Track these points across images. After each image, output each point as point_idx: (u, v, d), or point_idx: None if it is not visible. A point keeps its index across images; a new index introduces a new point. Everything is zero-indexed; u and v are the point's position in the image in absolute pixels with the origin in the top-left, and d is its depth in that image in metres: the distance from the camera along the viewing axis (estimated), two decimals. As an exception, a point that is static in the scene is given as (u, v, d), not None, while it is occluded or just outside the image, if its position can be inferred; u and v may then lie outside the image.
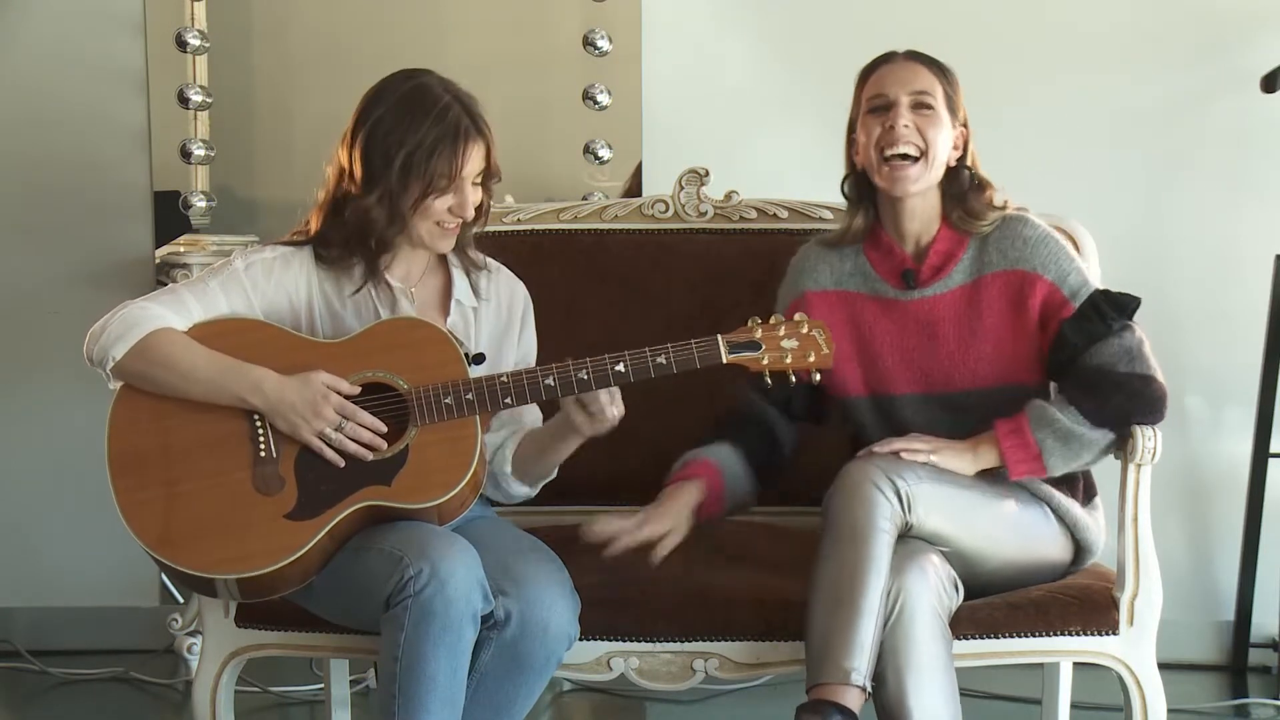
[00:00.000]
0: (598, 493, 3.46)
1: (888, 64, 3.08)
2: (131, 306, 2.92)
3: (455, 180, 2.96)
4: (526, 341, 3.16)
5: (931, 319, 3.07)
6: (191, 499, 2.87)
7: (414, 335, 2.94)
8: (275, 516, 2.87)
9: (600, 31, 4.08)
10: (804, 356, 2.87)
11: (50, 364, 4.23)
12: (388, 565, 2.81)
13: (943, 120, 3.04)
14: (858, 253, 3.15)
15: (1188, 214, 4.15)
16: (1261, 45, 4.03)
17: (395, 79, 3.02)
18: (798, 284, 3.18)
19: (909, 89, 3.04)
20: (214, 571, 2.90)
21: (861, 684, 2.81)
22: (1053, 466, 2.97)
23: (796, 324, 2.90)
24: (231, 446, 2.89)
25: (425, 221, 2.99)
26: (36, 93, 4.20)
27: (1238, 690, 4.06)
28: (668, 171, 3.62)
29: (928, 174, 3.05)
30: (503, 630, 2.85)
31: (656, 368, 2.88)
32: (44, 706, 4.02)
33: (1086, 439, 2.95)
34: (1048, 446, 2.95)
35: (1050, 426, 2.95)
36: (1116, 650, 3.03)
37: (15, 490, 4.28)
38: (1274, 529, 4.09)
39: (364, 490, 2.89)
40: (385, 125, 2.96)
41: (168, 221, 4.15)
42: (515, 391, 2.90)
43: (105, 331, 2.89)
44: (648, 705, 4.02)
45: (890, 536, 2.87)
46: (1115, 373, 2.97)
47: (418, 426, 2.90)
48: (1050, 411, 2.96)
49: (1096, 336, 3.00)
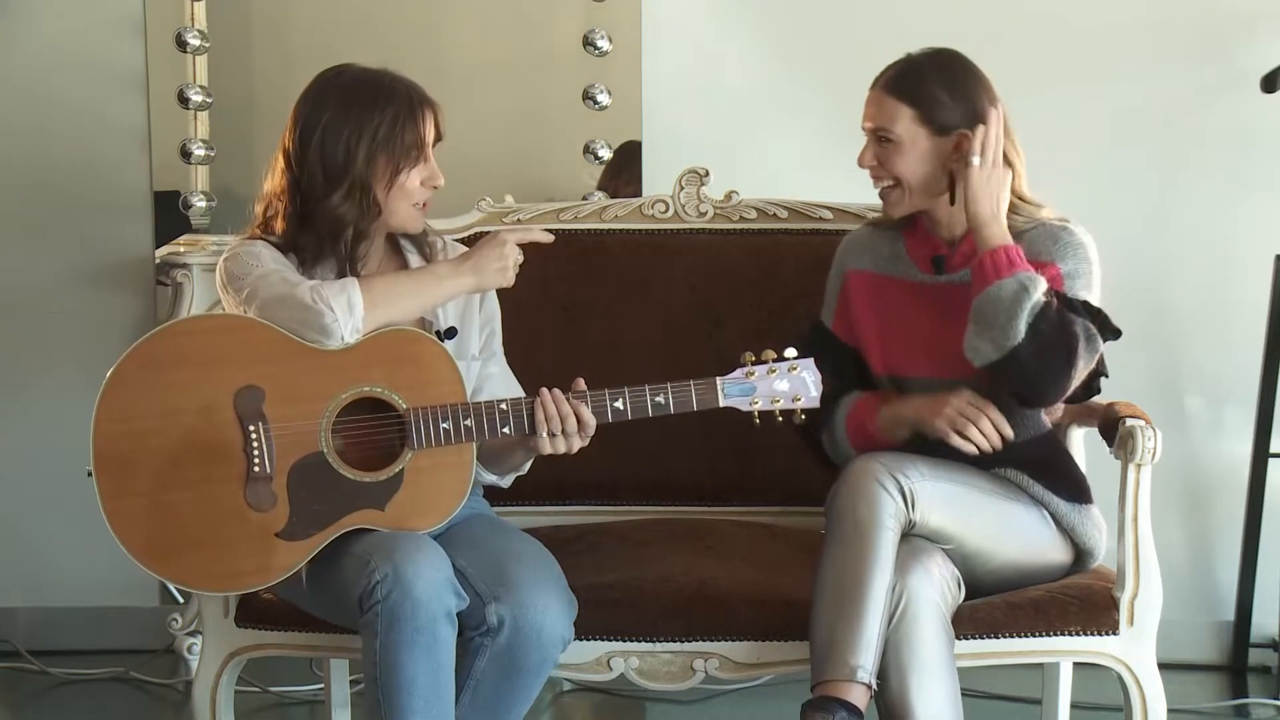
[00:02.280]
0: (597, 493, 3.46)
1: (870, 93, 3.10)
2: (299, 290, 2.86)
3: (424, 149, 2.98)
4: (489, 307, 3.16)
5: (952, 304, 3.07)
6: (179, 509, 2.84)
7: (416, 350, 2.92)
8: (266, 534, 2.85)
9: (600, 31, 4.07)
10: (794, 399, 2.93)
11: (50, 364, 4.23)
12: (356, 569, 2.81)
13: (908, 147, 3.04)
14: (898, 237, 3.17)
15: (1188, 214, 4.15)
16: (1261, 45, 4.03)
17: (325, 80, 3.01)
18: (844, 263, 3.21)
19: (870, 124, 3.08)
20: (202, 588, 2.91)
21: (867, 681, 2.81)
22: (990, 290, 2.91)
23: (789, 365, 2.93)
24: (223, 456, 2.85)
25: (403, 202, 2.99)
26: (36, 93, 4.20)
27: (1238, 690, 4.06)
28: (668, 171, 3.62)
29: (911, 198, 3.08)
30: (496, 636, 2.85)
31: (655, 406, 2.91)
32: (44, 706, 4.02)
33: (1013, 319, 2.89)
34: (1007, 283, 2.91)
35: (1024, 281, 2.91)
36: (1116, 650, 3.03)
37: (15, 490, 4.27)
38: (1274, 529, 4.09)
39: (356, 513, 2.87)
40: (337, 122, 2.95)
41: (168, 221, 4.15)
42: (514, 420, 2.89)
43: (322, 315, 2.85)
44: (648, 705, 4.01)
45: (894, 533, 2.87)
46: (1069, 339, 2.94)
47: (414, 450, 2.89)
48: (1038, 284, 2.92)
49: (1074, 310, 2.99)
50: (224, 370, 2.86)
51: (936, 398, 3.01)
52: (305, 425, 2.87)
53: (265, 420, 2.86)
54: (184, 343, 2.89)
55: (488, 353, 3.14)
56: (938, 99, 3.04)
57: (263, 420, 2.86)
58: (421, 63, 4.10)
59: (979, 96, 3.05)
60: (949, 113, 3.04)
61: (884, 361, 3.13)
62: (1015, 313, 2.90)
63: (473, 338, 3.11)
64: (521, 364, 3.18)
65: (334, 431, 2.88)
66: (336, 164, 2.95)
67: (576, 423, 2.89)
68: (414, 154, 2.98)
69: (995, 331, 2.92)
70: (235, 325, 2.92)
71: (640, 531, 3.33)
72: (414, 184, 3.00)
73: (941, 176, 3.06)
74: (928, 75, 3.06)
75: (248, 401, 2.86)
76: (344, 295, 2.87)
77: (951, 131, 3.04)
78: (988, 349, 2.93)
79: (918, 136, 3.05)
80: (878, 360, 3.14)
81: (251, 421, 2.85)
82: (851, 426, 3.10)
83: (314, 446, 2.87)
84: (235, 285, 2.94)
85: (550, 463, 3.02)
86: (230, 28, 4.16)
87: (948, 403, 2.99)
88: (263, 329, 2.89)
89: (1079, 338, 2.95)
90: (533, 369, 3.15)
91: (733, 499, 3.47)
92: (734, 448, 3.42)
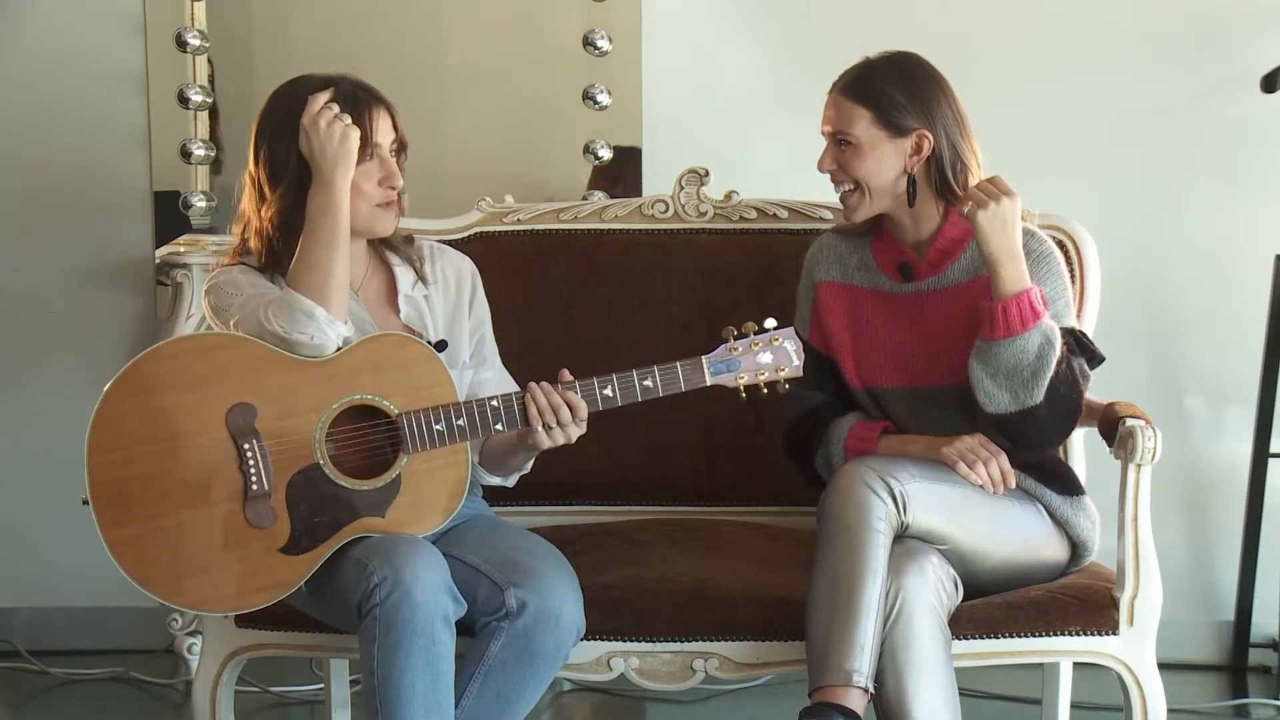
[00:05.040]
0: (597, 493, 3.47)
1: (828, 97, 3.10)
2: (271, 327, 2.86)
3: (370, 146, 2.96)
4: (478, 312, 3.15)
5: (921, 313, 3.08)
6: (180, 533, 2.83)
7: (403, 354, 2.91)
8: (269, 551, 2.85)
9: (600, 31, 4.07)
10: (777, 370, 2.93)
11: (50, 364, 4.23)
12: (356, 573, 2.81)
13: (867, 150, 3.04)
14: (864, 244, 3.16)
15: (1188, 214, 4.14)
16: (1261, 45, 4.03)
17: (276, 93, 3.02)
18: (812, 273, 3.20)
19: (829, 126, 3.09)
20: (210, 610, 2.92)
21: (863, 685, 2.81)
22: (1015, 344, 2.91)
23: (770, 336, 2.93)
24: (219, 477, 2.84)
25: (360, 203, 2.97)
26: (36, 93, 4.20)
27: (1238, 690, 4.05)
28: (668, 171, 3.62)
29: (871, 201, 3.08)
30: (515, 620, 2.84)
31: (643, 390, 2.91)
32: (44, 706, 4.02)
33: (1038, 377, 2.91)
34: (1032, 337, 2.91)
35: (1047, 334, 2.92)
36: (1116, 650, 3.03)
37: (15, 490, 4.27)
38: (1274, 529, 4.09)
39: (358, 522, 2.87)
40: (285, 132, 2.95)
41: (168, 221, 4.15)
42: (506, 416, 2.89)
43: (299, 345, 2.85)
44: (648, 705, 4.01)
45: (885, 537, 2.87)
46: (1075, 389, 2.96)
47: (409, 454, 2.88)
48: (1057, 336, 2.93)
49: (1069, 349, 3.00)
50: (213, 390, 2.85)
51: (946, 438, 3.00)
52: (299, 438, 2.86)
53: (259, 437, 2.85)
54: (170, 366, 2.88)
55: (478, 358, 3.13)
56: (894, 100, 3.04)
57: (256, 437, 2.85)
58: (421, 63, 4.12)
59: (935, 97, 3.05)
60: (905, 114, 3.04)
61: (858, 374, 3.13)
62: (1040, 369, 2.93)
63: (462, 346, 3.11)
64: (522, 364, 3.18)
65: (328, 441, 2.88)
66: (291, 173, 2.95)
67: (570, 412, 2.89)
68: (364, 153, 2.95)
69: (1018, 387, 2.94)
70: (220, 344, 2.91)
71: (640, 531, 3.33)
72: (370, 185, 2.98)
73: (901, 178, 3.06)
74: (884, 77, 3.06)
75: (240, 419, 2.85)
76: (292, 312, 2.85)
77: (910, 132, 3.04)
78: (1005, 400, 2.95)
79: (876, 139, 3.05)
80: (852, 373, 3.13)
81: (245, 439, 2.85)
82: (850, 455, 3.07)
83: (310, 459, 2.87)
84: (221, 318, 2.96)
85: (550, 462, 3.02)
86: (230, 28, 4.16)
87: (960, 438, 2.99)
88: (247, 345, 2.88)
89: (1083, 392, 2.98)
90: (533, 369, 3.14)
91: (733, 499, 3.47)
92: (734, 448, 3.42)
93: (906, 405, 3.09)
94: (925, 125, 3.04)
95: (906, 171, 3.06)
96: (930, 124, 3.04)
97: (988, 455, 2.97)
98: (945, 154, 3.05)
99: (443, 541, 2.94)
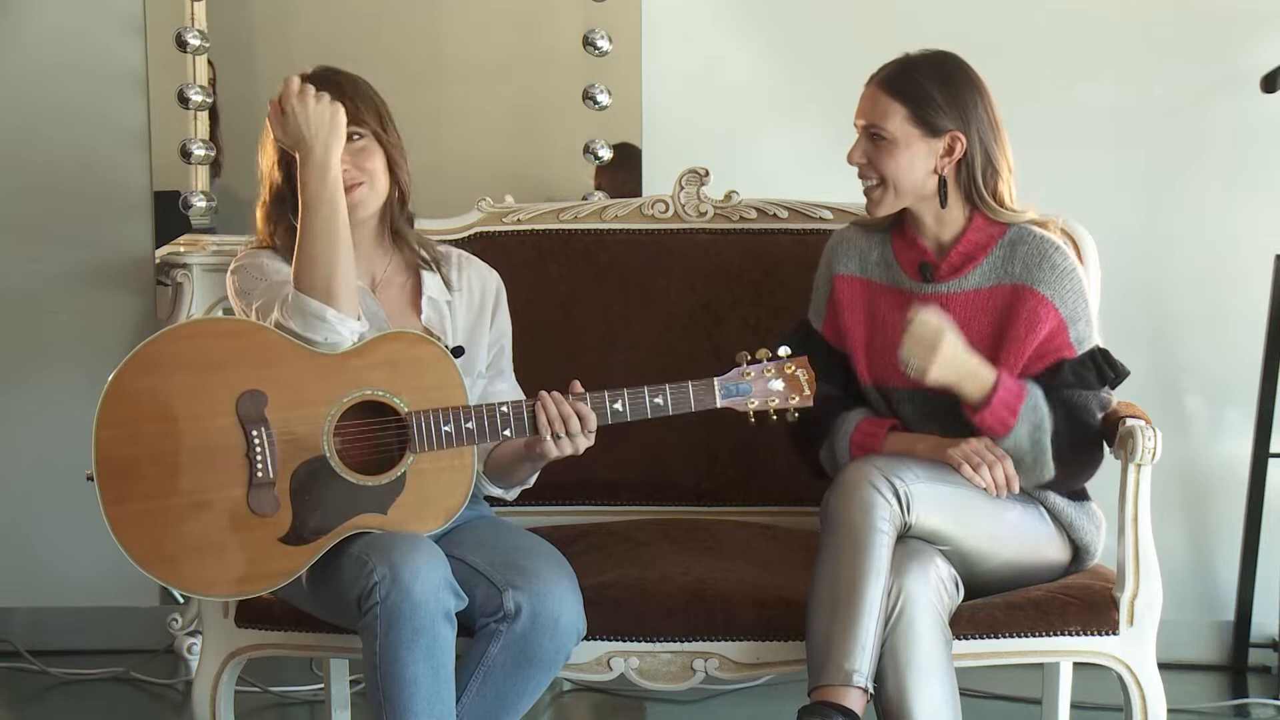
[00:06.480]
0: (597, 493, 3.47)
1: (865, 89, 3.10)
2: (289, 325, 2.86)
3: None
4: (500, 324, 3.16)
5: None
6: (182, 514, 2.84)
7: (417, 353, 2.92)
8: (270, 539, 2.85)
9: (600, 31, 4.07)
10: (788, 399, 2.95)
11: (50, 364, 4.23)
12: (355, 570, 2.81)
13: (900, 146, 3.04)
14: (885, 240, 3.16)
15: (1188, 214, 4.14)
16: (1261, 45, 4.03)
17: None
18: (831, 265, 3.20)
19: (863, 120, 3.08)
20: (205, 594, 2.91)
21: (863, 685, 2.82)
22: (1005, 442, 2.97)
23: (782, 365, 2.94)
24: (225, 461, 2.84)
25: None
26: (36, 93, 4.20)
27: (1238, 690, 4.06)
28: (668, 171, 3.62)
29: (896, 199, 3.07)
30: (513, 623, 2.85)
31: (653, 408, 2.92)
32: (44, 706, 4.02)
33: (1040, 460, 2.99)
34: (1019, 431, 2.97)
35: (1033, 419, 2.97)
36: (1116, 650, 3.03)
37: (15, 490, 4.27)
38: (1274, 529, 4.09)
39: (359, 517, 2.88)
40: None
41: (168, 221, 4.15)
42: (515, 423, 2.89)
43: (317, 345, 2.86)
44: (648, 705, 4.01)
45: (889, 537, 2.87)
46: (1091, 431, 3.03)
47: (415, 453, 2.89)
48: (1043, 412, 2.97)
49: (1090, 385, 3.04)
50: (226, 375, 2.86)
51: (952, 439, 3.01)
52: (308, 429, 2.87)
53: (268, 425, 2.85)
54: (185, 347, 2.88)
55: (495, 370, 3.14)
56: (931, 98, 3.04)
57: (265, 425, 2.85)
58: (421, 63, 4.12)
59: (973, 100, 3.05)
60: (941, 114, 3.03)
61: (870, 371, 3.13)
62: (1039, 452, 2.98)
63: (480, 355, 3.11)
64: (521, 364, 3.18)
65: (336, 435, 2.88)
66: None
67: (579, 423, 2.89)
68: None
69: (1026, 470, 2.99)
70: (237, 329, 2.93)
71: (640, 531, 3.33)
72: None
73: (929, 178, 3.06)
74: (923, 74, 3.05)
75: (250, 406, 2.85)
76: (303, 314, 2.85)
77: (944, 133, 3.04)
78: (1029, 481, 3.01)
79: (910, 136, 3.04)
80: (864, 370, 3.14)
81: (254, 426, 2.85)
82: (855, 451, 3.08)
83: (316, 450, 2.87)
84: (245, 300, 2.97)
85: (551, 463, 3.02)
86: (230, 28, 4.16)
87: (966, 440, 2.99)
88: (264, 333, 2.89)
89: (1101, 434, 3.03)
90: (533, 369, 3.15)
91: (733, 499, 3.47)
92: (734, 448, 3.42)
93: (916, 406, 3.09)
94: (960, 127, 3.03)
95: (936, 172, 3.05)
96: (965, 126, 3.03)
97: (993, 459, 2.97)
98: (977, 158, 3.05)
99: (443, 542, 2.94)
